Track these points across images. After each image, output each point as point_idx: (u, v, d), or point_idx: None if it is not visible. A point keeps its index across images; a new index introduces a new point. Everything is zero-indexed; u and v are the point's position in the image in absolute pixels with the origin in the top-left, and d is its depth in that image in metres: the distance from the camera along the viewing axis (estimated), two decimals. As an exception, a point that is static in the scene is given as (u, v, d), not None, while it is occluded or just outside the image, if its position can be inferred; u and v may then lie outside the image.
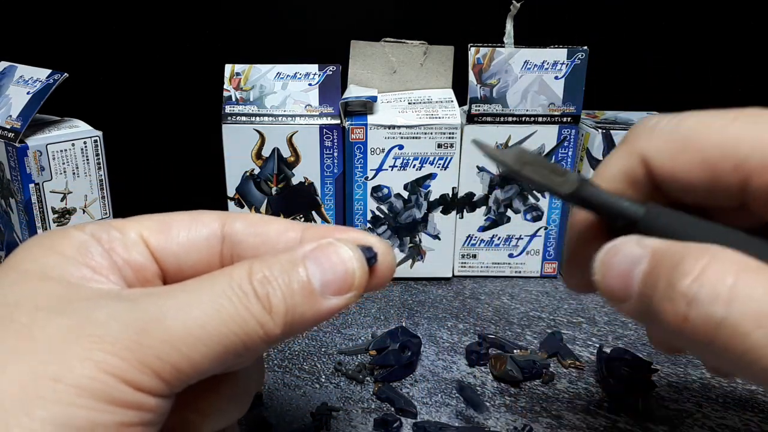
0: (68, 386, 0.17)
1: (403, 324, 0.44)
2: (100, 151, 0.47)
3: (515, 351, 0.41)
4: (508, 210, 0.50)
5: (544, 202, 0.49)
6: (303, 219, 0.48)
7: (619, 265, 0.20)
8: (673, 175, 0.22)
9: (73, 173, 0.46)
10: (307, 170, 0.47)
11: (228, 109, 0.46)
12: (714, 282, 0.17)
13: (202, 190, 0.55)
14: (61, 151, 0.45)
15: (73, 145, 0.45)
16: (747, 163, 0.20)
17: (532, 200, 0.49)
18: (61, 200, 0.46)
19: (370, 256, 0.22)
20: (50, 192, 0.45)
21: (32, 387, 0.17)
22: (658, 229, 0.21)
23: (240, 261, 0.23)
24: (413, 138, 0.46)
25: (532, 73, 0.47)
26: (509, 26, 0.47)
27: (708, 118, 0.21)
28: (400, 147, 0.46)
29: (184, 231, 0.24)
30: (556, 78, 0.46)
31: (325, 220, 0.48)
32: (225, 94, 0.47)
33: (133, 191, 0.54)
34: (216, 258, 0.24)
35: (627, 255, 0.21)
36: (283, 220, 0.25)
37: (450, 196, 0.48)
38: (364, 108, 0.47)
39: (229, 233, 0.24)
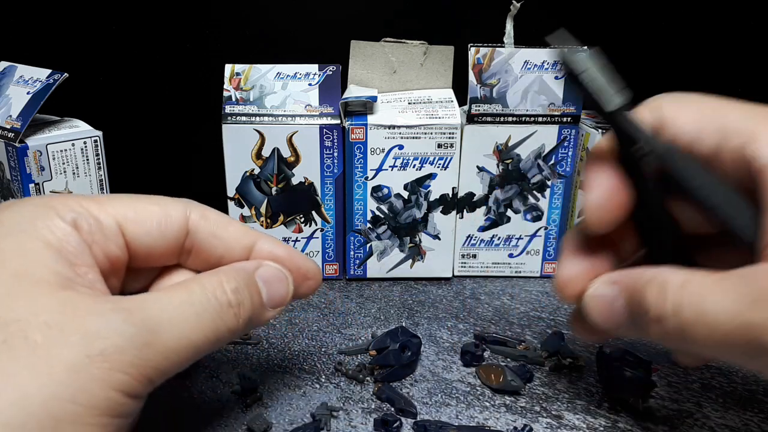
0: (85, 407, 0.19)
1: (403, 324, 0.44)
2: (100, 151, 0.47)
3: (516, 346, 0.41)
4: (508, 210, 0.50)
5: (544, 202, 0.49)
6: (303, 219, 0.48)
7: (602, 309, 0.27)
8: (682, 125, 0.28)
9: (73, 173, 0.46)
10: (307, 170, 0.47)
11: (228, 109, 0.46)
12: (669, 308, 0.24)
13: (202, 190, 0.55)
14: (61, 151, 0.45)
15: (73, 145, 0.45)
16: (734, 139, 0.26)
17: (532, 200, 0.49)
18: (61, 200, 0.46)
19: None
20: (50, 192, 0.45)
21: (54, 409, 0.19)
22: (675, 170, 0.26)
23: (196, 253, 0.28)
24: (413, 138, 0.46)
25: (532, 73, 0.47)
26: (509, 26, 0.47)
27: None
28: (400, 147, 0.46)
29: (155, 224, 0.27)
30: (556, 78, 0.47)
31: (325, 220, 0.48)
32: (225, 94, 0.47)
33: (133, 191, 0.53)
34: (178, 249, 0.28)
35: (604, 297, 0.27)
36: (240, 226, 0.29)
37: (450, 196, 0.48)
38: (364, 108, 0.47)
39: (193, 230, 0.28)
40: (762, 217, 0.24)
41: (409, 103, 0.48)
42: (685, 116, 0.28)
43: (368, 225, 0.49)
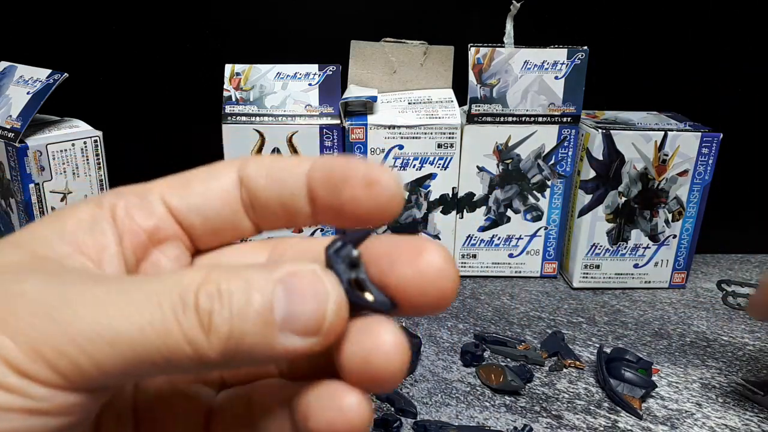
0: None
1: (403, 324, 0.44)
2: (100, 151, 0.47)
3: (516, 346, 0.41)
4: (508, 210, 0.50)
5: (544, 202, 0.49)
6: (303, 219, 0.48)
7: None
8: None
9: (73, 173, 0.46)
10: (307, 170, 0.47)
11: (228, 109, 0.46)
12: None
13: (202, 190, 0.55)
14: (61, 151, 0.45)
15: (73, 145, 0.45)
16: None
17: (532, 200, 0.49)
18: (61, 200, 0.46)
19: (364, 304, 0.17)
20: (50, 192, 0.45)
21: None
22: None
23: (260, 212, 0.21)
24: (413, 138, 0.46)
25: (532, 73, 0.47)
26: (509, 26, 0.47)
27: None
28: (400, 147, 0.46)
29: (201, 183, 0.22)
30: (556, 78, 0.46)
31: (325, 220, 0.48)
32: (225, 94, 0.47)
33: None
34: (238, 205, 0.22)
35: None
36: (293, 160, 0.21)
37: (450, 196, 0.48)
38: (364, 108, 0.47)
39: (245, 177, 0.22)
40: None
41: (409, 103, 0.48)
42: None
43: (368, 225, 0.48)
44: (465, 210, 0.49)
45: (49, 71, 0.46)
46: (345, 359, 0.18)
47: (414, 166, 0.47)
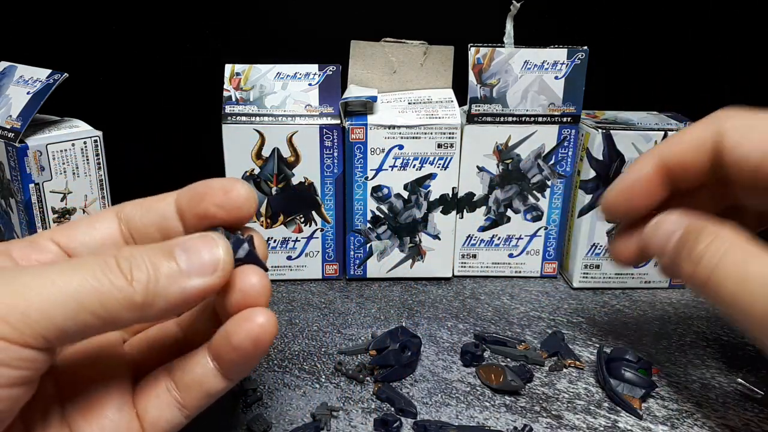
0: None
1: (403, 324, 0.44)
2: (100, 151, 0.47)
3: (516, 346, 0.41)
4: (508, 210, 0.50)
5: (544, 202, 0.49)
6: (303, 219, 0.48)
7: (664, 232, 0.31)
8: (737, 157, 0.29)
9: (73, 173, 0.46)
10: (307, 170, 0.47)
11: (228, 109, 0.46)
12: (712, 254, 0.28)
13: (202, 190, 0.55)
14: (61, 151, 0.45)
15: (73, 145, 0.45)
16: None
17: (532, 200, 0.49)
18: (61, 200, 0.46)
19: (238, 245, 0.26)
20: (50, 192, 0.45)
21: None
22: None
23: (136, 236, 0.28)
24: (413, 138, 0.46)
25: (532, 73, 0.47)
26: (509, 26, 0.47)
27: None
28: (400, 147, 0.46)
29: (85, 224, 0.28)
30: (556, 78, 0.46)
31: (325, 220, 0.48)
32: (225, 94, 0.47)
33: (133, 191, 0.53)
34: (118, 238, 0.28)
35: (670, 225, 0.31)
36: (161, 195, 0.29)
37: (450, 196, 0.48)
38: (364, 108, 0.47)
39: (123, 215, 0.28)
40: None
41: (409, 103, 0.48)
42: (750, 142, 0.29)
43: (368, 225, 0.49)
44: (465, 210, 0.49)
45: (49, 71, 0.46)
46: (232, 296, 0.25)
47: (414, 166, 0.47)
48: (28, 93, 0.45)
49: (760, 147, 0.29)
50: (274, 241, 0.49)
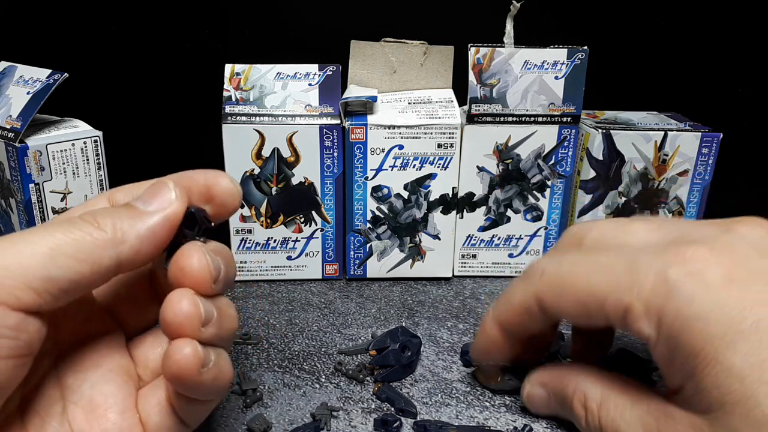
0: None
1: (403, 324, 0.44)
2: (100, 151, 0.47)
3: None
4: (508, 210, 0.50)
5: (544, 202, 0.49)
6: (303, 219, 0.48)
7: (540, 404, 0.34)
8: (559, 310, 0.30)
9: (73, 173, 0.46)
10: (307, 170, 0.47)
11: (228, 109, 0.46)
12: (591, 420, 0.31)
13: (202, 190, 0.55)
14: (61, 151, 0.45)
15: (73, 145, 0.45)
16: (605, 302, 0.28)
17: (532, 200, 0.49)
18: (61, 200, 0.46)
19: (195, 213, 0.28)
20: (50, 192, 0.45)
21: None
22: None
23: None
24: (413, 138, 0.46)
25: (532, 73, 0.47)
26: (509, 26, 0.47)
27: (578, 267, 0.30)
28: (400, 147, 0.46)
29: (79, 210, 0.28)
30: (556, 78, 0.47)
31: (325, 220, 0.48)
32: (225, 94, 0.47)
33: (133, 191, 0.54)
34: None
35: (540, 397, 0.34)
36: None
37: (450, 196, 0.48)
38: (364, 108, 0.47)
39: (115, 202, 0.30)
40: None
41: (409, 103, 0.48)
42: (565, 302, 0.30)
43: (368, 225, 0.49)
44: (465, 210, 0.49)
45: (49, 71, 0.46)
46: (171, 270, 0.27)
47: (414, 166, 0.47)
48: (28, 93, 0.45)
49: (574, 305, 0.30)
50: (274, 241, 0.49)
